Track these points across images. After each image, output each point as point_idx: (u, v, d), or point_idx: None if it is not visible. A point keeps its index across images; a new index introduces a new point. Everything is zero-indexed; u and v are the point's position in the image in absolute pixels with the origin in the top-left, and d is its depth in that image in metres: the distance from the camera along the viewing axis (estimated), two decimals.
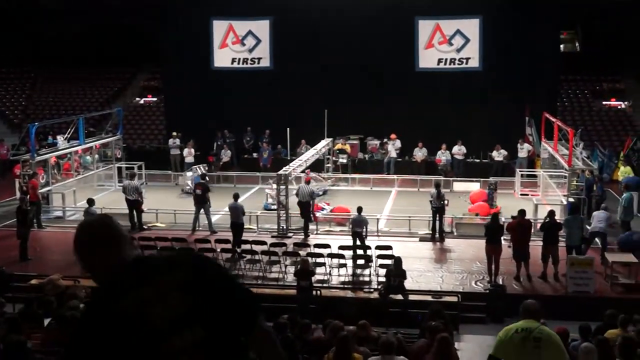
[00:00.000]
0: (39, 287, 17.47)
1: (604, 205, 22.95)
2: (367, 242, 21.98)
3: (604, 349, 10.59)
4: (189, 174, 31.68)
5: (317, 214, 26.02)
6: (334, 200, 29.51)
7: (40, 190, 26.84)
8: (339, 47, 35.42)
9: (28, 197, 24.73)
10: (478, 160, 34.42)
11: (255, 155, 36.14)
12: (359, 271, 20.97)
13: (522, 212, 20.58)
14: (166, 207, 27.26)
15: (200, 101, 37.20)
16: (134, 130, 43.03)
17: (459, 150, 33.93)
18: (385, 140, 35.27)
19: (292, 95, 35.78)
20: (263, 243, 22.03)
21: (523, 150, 32.99)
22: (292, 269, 20.26)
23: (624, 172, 28.55)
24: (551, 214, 20.64)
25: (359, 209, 22.37)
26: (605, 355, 10.28)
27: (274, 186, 26.23)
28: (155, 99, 45.50)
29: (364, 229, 22.13)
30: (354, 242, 21.96)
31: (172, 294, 3.04)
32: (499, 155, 33.59)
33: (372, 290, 19.61)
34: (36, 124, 29.93)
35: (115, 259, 3.36)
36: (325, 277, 20.32)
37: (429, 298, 18.61)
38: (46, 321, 13.19)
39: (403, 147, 35.21)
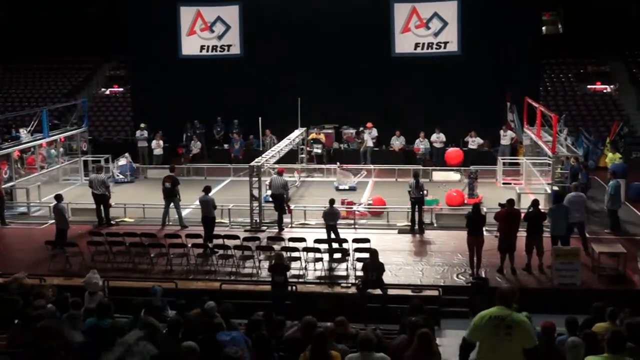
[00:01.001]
0: (4, 286, 16.78)
1: (575, 183, 22.19)
2: (344, 236, 21.54)
3: (592, 343, 10.19)
4: (121, 162, 31.91)
5: (354, 209, 25.37)
6: (308, 192, 29.29)
7: (3, 186, 26.40)
8: (312, 32, 35.03)
9: None
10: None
11: (226, 146, 35.67)
12: (335, 265, 20.48)
13: (511, 202, 20.06)
14: (134, 201, 26.60)
15: (168, 91, 36.66)
16: (100, 122, 42.67)
17: (437, 138, 33.51)
18: (361, 129, 34.85)
19: (263, 84, 35.66)
20: (236, 237, 21.43)
21: (506, 137, 32.61)
22: (266, 264, 19.76)
23: (612, 158, 28.11)
24: (535, 203, 20.10)
25: (331, 201, 21.95)
26: (593, 349, 9.79)
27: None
28: (121, 89, 45.32)
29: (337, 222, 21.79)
30: (329, 235, 21.51)
31: None
32: (472, 142, 33.02)
33: (349, 285, 19.14)
34: None
35: None
36: (301, 272, 19.85)
37: (408, 292, 18.18)
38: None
39: (380, 136, 34.81)
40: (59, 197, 22.73)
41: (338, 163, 31.05)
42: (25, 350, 10.18)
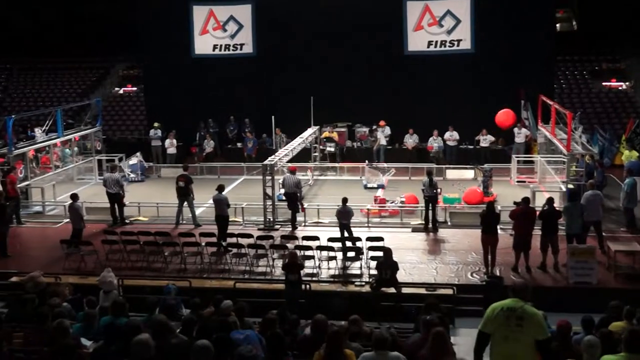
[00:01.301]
0: (19, 285, 16.92)
1: (591, 181, 21.99)
2: (358, 234, 21.38)
3: (608, 342, 10.02)
4: (132, 161, 32.04)
5: (388, 207, 25.26)
6: (321, 190, 29.22)
7: (18, 185, 26.24)
8: (325, 31, 34.99)
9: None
10: (472, 147, 33.75)
11: (239, 145, 35.62)
12: (349, 264, 20.38)
13: (526, 200, 19.96)
14: (148, 200, 26.59)
15: (182, 90, 36.81)
16: (114, 122, 42.76)
17: (450, 136, 33.41)
18: (374, 127, 34.60)
19: (276, 82, 35.61)
20: (249, 236, 21.44)
21: (520, 135, 32.35)
22: (279, 263, 19.66)
23: (628, 156, 27.81)
24: (550, 201, 20.00)
25: (344, 200, 21.82)
26: (610, 349, 9.64)
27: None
28: (135, 88, 45.36)
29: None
30: (342, 234, 21.47)
31: None
32: (484, 141, 32.92)
33: (363, 283, 19.04)
34: (13, 116, 29.24)
35: None
36: (315, 271, 19.79)
37: (422, 291, 18.13)
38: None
39: (393, 134, 34.65)
40: (74, 197, 22.74)
41: (367, 162, 30.80)
42: (41, 348, 10.15)
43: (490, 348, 9.23)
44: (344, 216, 21.48)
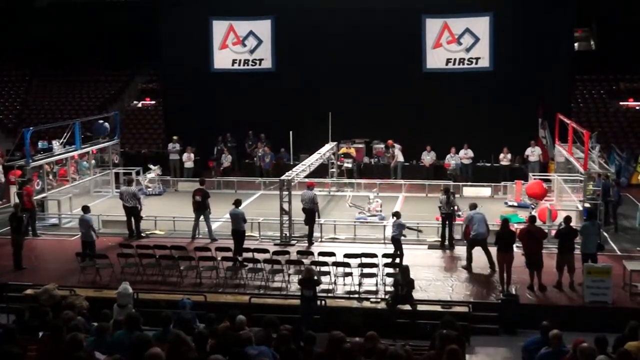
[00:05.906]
0: (34, 297, 16.99)
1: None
2: (373, 250, 21.19)
3: None
4: (150, 175, 32.20)
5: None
6: (338, 206, 28.95)
7: (35, 197, 26.36)
8: (344, 47, 35.20)
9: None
10: (489, 165, 33.68)
11: (256, 159, 35.41)
12: (365, 280, 20.12)
13: (532, 219, 20.04)
14: (165, 214, 26.67)
15: (200, 104, 36.96)
16: (132, 135, 42.92)
17: (465, 154, 33.38)
18: (382, 147, 34.96)
19: (295, 98, 35.64)
20: (265, 251, 21.43)
21: (534, 154, 32.31)
22: (295, 278, 19.61)
23: None
24: (567, 220, 19.88)
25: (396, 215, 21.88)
26: None
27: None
28: (153, 102, 45.58)
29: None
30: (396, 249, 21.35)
31: None
32: (504, 159, 32.90)
33: (379, 300, 18.95)
34: (31, 128, 29.29)
35: None
36: (330, 287, 19.73)
37: (438, 308, 18.12)
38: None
39: (410, 151, 34.62)
40: (85, 209, 22.66)
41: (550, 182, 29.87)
42: None
43: None
44: (394, 229, 21.49)
